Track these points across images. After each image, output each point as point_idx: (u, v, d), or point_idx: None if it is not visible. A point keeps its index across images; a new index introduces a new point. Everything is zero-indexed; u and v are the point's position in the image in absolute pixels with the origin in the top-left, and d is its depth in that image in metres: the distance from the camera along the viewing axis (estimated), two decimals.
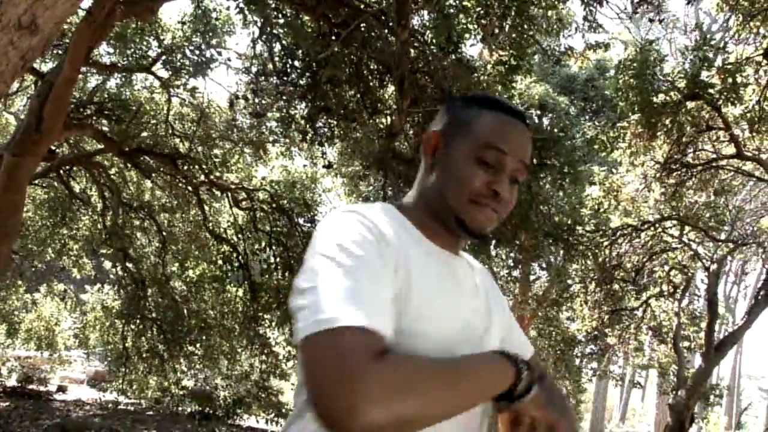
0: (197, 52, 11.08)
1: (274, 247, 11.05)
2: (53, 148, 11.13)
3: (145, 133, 10.81)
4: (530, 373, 1.16)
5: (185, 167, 10.55)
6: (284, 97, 10.31)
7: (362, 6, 7.16)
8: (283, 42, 9.72)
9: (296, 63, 9.88)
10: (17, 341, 14.88)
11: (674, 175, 8.31)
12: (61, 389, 14.52)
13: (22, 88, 12.19)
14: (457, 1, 7.94)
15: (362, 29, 7.17)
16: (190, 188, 10.88)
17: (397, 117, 6.80)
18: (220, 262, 11.78)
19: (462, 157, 1.29)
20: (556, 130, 7.13)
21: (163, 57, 11.20)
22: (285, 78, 10.16)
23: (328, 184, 15.88)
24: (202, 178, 10.63)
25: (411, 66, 7.68)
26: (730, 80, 6.81)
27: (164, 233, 12.10)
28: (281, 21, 9.49)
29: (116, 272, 12.48)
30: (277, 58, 10.03)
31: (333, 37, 8.04)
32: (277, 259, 11.06)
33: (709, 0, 8.62)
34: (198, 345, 12.31)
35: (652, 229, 9.18)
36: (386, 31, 6.35)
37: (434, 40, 7.98)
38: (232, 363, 13.22)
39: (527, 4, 7.10)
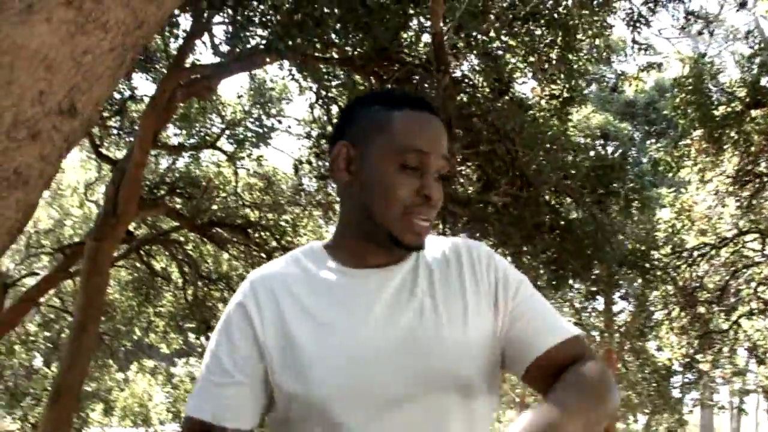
0: (258, 123, 11.44)
1: None
2: (131, 230, 11.63)
3: (215, 207, 11.15)
4: None
5: (257, 235, 10.80)
6: None
7: (408, 59, 7.27)
8: (339, 103, 9.95)
9: None
10: (114, 419, 15.30)
11: (748, 186, 7.97)
12: None
13: (100, 177, 12.82)
14: (503, 43, 7.98)
15: (412, 81, 7.26)
16: (263, 255, 11.10)
17: (450, 161, 6.81)
18: None
19: (382, 165, 1.17)
20: (618, 158, 6.98)
21: (227, 131, 11.61)
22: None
23: None
24: (274, 244, 10.84)
25: (462, 110, 7.72)
26: None
27: None
28: (334, 83, 9.72)
29: (201, 344, 12.76)
30: (335, 120, 10.27)
31: None
32: None
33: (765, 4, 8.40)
34: None
35: (731, 245, 8.77)
36: (431, 79, 6.42)
37: (484, 83, 8.02)
38: None
39: (572, 36, 7.06)
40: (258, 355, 1.14)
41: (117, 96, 10.78)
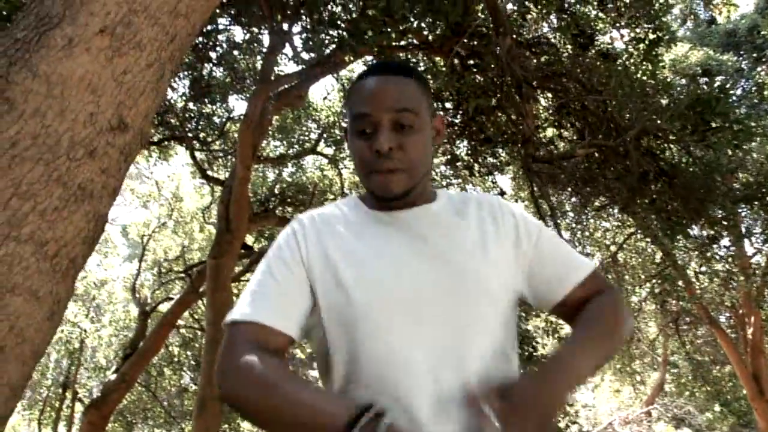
0: None
1: None
2: (249, 244, 12.17)
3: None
4: (376, 423, 1.06)
5: None
6: (444, 140, 10.53)
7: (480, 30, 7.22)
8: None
9: (446, 104, 10.08)
10: None
11: None
12: None
13: (214, 200, 13.46)
14: None
15: (480, 51, 7.21)
16: None
17: (525, 123, 6.70)
18: None
19: (350, 139, 1.35)
20: (717, 90, 6.60)
21: (324, 135, 11.91)
22: None
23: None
24: None
25: (545, 70, 7.57)
26: None
27: None
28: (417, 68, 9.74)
29: None
30: None
31: (465, 69, 8.16)
32: None
33: None
34: None
35: None
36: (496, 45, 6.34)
37: (565, 40, 7.82)
38: None
39: None
40: (304, 271, 1.28)
41: (216, 120, 11.33)
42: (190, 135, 10.90)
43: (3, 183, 1.62)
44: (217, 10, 8.90)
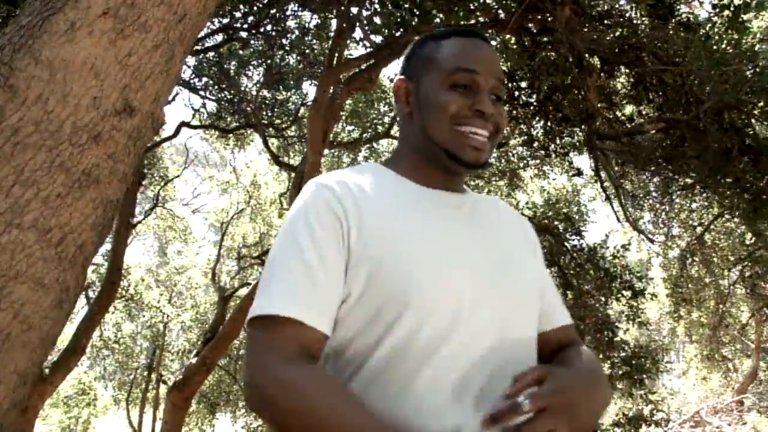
0: None
1: (547, 269, 10.83)
2: None
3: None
4: None
5: None
6: (519, 120, 10.28)
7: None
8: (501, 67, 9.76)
9: (521, 83, 9.83)
10: None
11: None
12: None
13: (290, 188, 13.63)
14: None
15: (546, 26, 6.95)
16: None
17: (588, 98, 6.41)
18: None
19: (435, 89, 1.23)
20: None
21: (397, 118, 11.83)
22: (515, 101, 10.14)
23: (591, 192, 15.20)
24: None
25: (622, 44, 7.23)
26: None
27: None
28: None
29: None
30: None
31: (536, 46, 7.91)
32: (555, 279, 10.82)
33: None
34: None
35: None
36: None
37: (640, 11, 7.44)
38: None
39: None
40: (346, 252, 1.11)
41: (291, 107, 11.43)
42: (265, 122, 11.05)
43: (5, 170, 1.62)
44: None
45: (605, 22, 6.98)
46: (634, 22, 7.36)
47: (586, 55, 7.16)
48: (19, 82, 1.68)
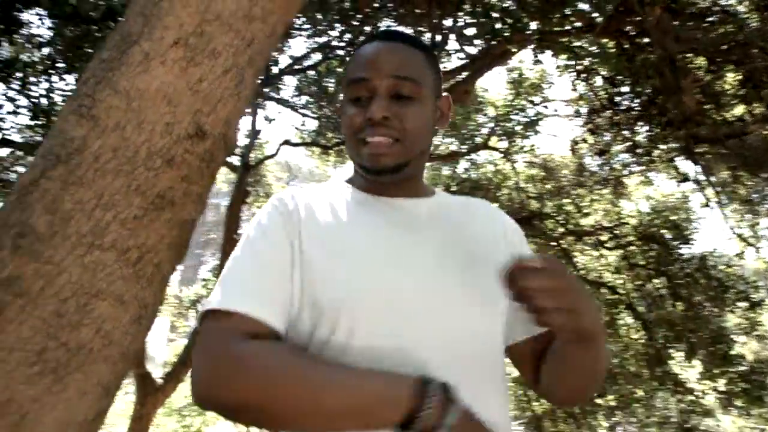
0: (523, 114, 11.39)
1: (655, 280, 10.43)
2: None
3: (495, 205, 11.30)
4: (446, 399, 0.92)
5: (542, 223, 10.72)
6: (621, 125, 9.99)
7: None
8: (601, 73, 9.53)
9: (623, 88, 9.56)
10: None
11: None
12: None
13: None
14: None
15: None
16: (553, 243, 10.96)
17: (685, 100, 6.10)
18: (604, 308, 11.46)
19: (343, 107, 1.25)
20: None
21: (496, 129, 11.73)
22: (616, 106, 9.87)
23: (701, 199, 14.43)
24: (561, 230, 10.65)
25: (728, 42, 6.89)
26: None
27: None
28: (584, 54, 9.32)
29: None
30: (602, 91, 9.87)
31: (637, 49, 7.66)
32: (663, 290, 10.39)
33: None
34: (610, 396, 11.95)
35: None
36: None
37: (748, 6, 7.06)
38: (648, 408, 12.50)
39: None
40: (290, 253, 1.13)
41: None
42: None
43: (88, 195, 1.73)
44: (379, 12, 9.08)
45: (708, 19, 6.67)
46: (740, 17, 6.99)
47: (690, 55, 6.87)
48: (100, 112, 1.79)
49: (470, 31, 8.28)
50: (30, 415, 1.61)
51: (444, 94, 1.34)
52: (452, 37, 8.96)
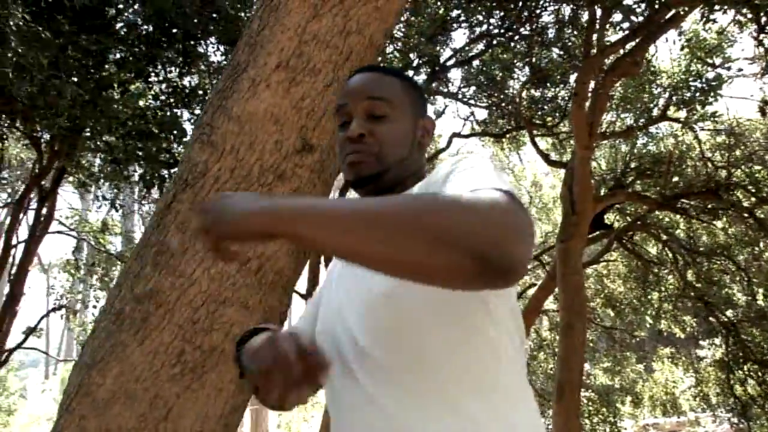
0: (700, 79, 10.62)
1: None
2: (607, 222, 11.81)
3: (676, 179, 10.63)
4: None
5: (732, 194, 9.94)
6: None
7: None
8: None
9: None
10: (644, 410, 15.34)
11: None
12: None
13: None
14: None
15: None
16: (746, 215, 10.11)
17: None
18: None
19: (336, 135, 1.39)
20: None
21: (673, 98, 11.04)
22: None
23: None
24: (753, 199, 9.81)
25: None
26: None
27: (744, 268, 11.35)
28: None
29: (706, 323, 12.12)
30: None
31: None
32: None
33: None
34: None
35: None
36: None
37: None
38: None
39: None
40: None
41: (561, 102, 11.25)
42: (537, 121, 11.05)
43: None
44: None
45: None
46: None
47: None
48: (217, 138, 1.99)
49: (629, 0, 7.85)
50: (175, 409, 1.83)
51: (429, 116, 1.39)
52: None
